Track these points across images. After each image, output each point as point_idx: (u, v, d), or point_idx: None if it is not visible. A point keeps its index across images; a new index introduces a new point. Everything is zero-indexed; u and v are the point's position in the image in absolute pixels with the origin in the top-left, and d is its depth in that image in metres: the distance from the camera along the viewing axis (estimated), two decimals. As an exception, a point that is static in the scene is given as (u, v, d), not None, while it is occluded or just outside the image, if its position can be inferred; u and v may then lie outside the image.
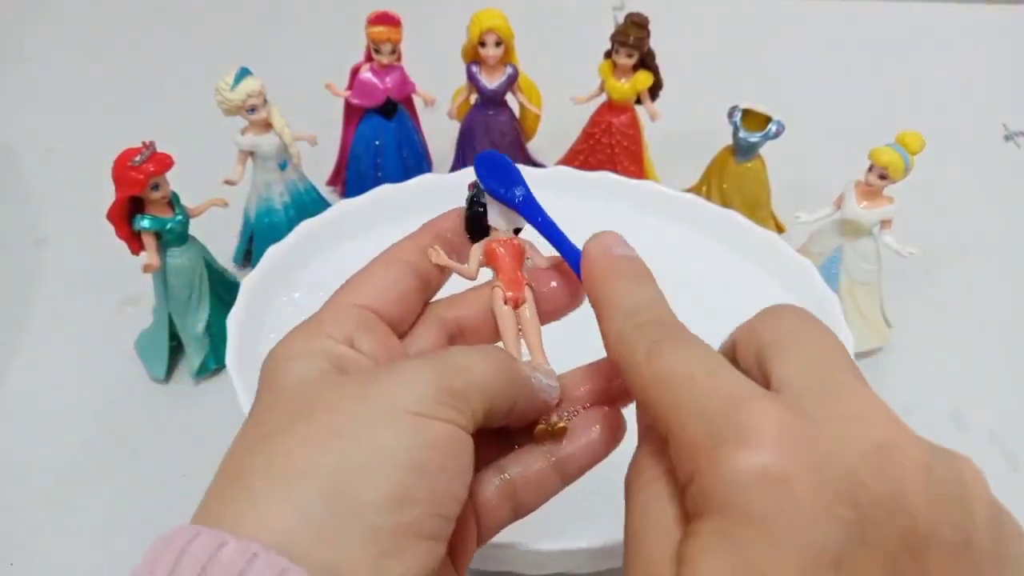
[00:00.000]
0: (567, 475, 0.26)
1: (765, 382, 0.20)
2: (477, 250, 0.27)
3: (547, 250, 0.28)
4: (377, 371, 0.22)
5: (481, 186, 0.27)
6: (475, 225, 0.27)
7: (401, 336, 0.26)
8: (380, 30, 0.54)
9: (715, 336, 0.49)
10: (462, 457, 0.21)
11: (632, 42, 0.54)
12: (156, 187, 0.43)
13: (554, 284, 0.27)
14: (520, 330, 0.27)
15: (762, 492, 0.17)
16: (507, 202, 0.26)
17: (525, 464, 0.25)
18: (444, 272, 0.27)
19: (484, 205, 0.27)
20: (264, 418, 0.22)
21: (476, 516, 0.25)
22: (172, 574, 0.18)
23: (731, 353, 0.23)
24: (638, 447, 0.23)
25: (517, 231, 0.28)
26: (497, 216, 0.27)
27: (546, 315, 0.27)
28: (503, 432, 0.26)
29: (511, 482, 0.25)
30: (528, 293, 0.27)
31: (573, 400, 0.26)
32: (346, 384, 0.22)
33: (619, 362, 0.22)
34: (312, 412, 0.21)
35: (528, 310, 0.27)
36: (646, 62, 0.56)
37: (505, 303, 0.26)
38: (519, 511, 0.26)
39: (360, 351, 0.23)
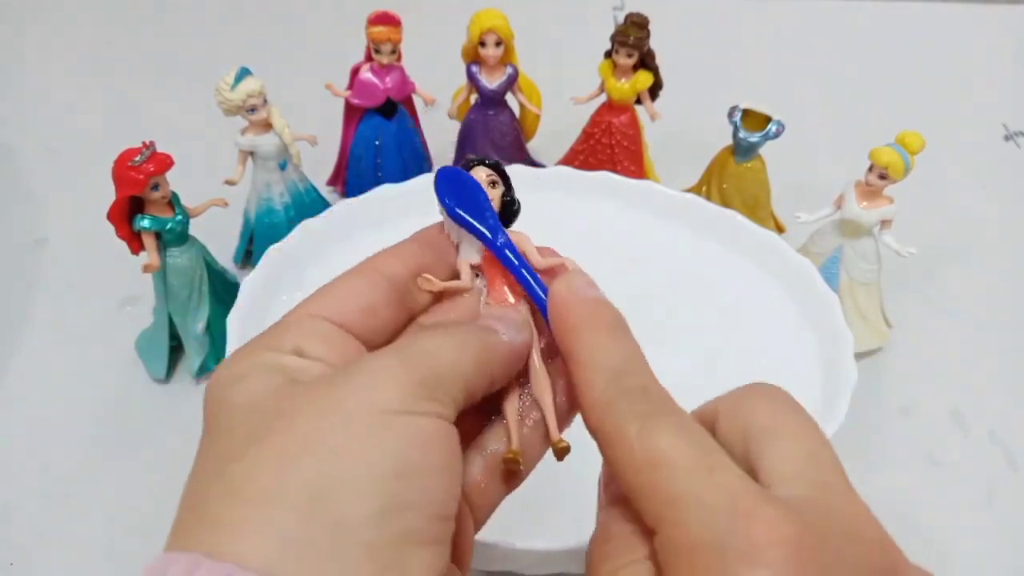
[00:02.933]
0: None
1: (749, 467, 0.20)
2: (464, 261, 0.25)
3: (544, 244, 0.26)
4: (337, 373, 0.20)
5: (444, 209, 0.24)
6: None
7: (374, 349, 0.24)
8: (380, 30, 0.54)
9: (716, 336, 0.49)
10: (450, 450, 0.20)
11: (632, 42, 0.54)
12: (156, 187, 0.43)
13: None
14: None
15: None
16: (470, 229, 0.24)
17: (506, 435, 0.24)
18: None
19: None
20: (218, 444, 0.20)
21: (468, 503, 0.24)
22: None
23: (711, 423, 0.22)
24: (606, 517, 0.22)
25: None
26: (459, 237, 0.25)
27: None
28: (477, 406, 0.24)
29: (496, 455, 0.24)
30: (522, 305, 0.25)
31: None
32: (304, 392, 0.20)
33: (604, 433, 0.20)
34: (271, 429, 0.19)
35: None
36: (646, 62, 0.56)
37: None
38: (511, 484, 0.25)
39: (311, 358, 0.21)
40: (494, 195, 0.25)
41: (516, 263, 0.24)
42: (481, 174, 0.25)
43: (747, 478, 0.19)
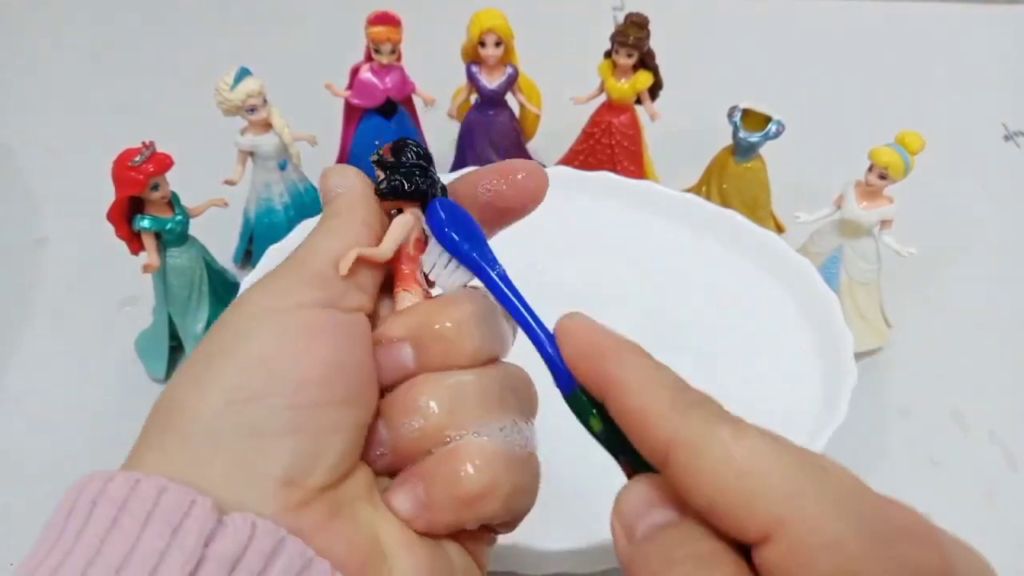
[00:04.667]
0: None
1: None
2: (399, 226, 0.25)
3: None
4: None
5: (434, 236, 0.24)
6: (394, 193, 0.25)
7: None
8: (380, 30, 0.54)
9: (715, 336, 0.49)
10: (325, 339, 0.22)
11: (632, 42, 0.54)
12: (156, 187, 0.43)
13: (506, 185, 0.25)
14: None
15: None
16: (471, 267, 0.24)
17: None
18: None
19: (405, 174, 0.25)
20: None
21: None
22: (90, 514, 0.19)
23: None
24: (662, 544, 0.19)
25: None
26: (442, 269, 0.24)
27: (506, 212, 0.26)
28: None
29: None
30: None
31: None
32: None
33: (686, 442, 0.19)
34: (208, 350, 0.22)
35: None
36: (646, 62, 0.56)
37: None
38: None
39: None
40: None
41: (513, 298, 0.23)
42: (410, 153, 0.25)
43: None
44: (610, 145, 0.59)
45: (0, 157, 0.68)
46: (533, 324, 0.23)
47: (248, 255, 0.56)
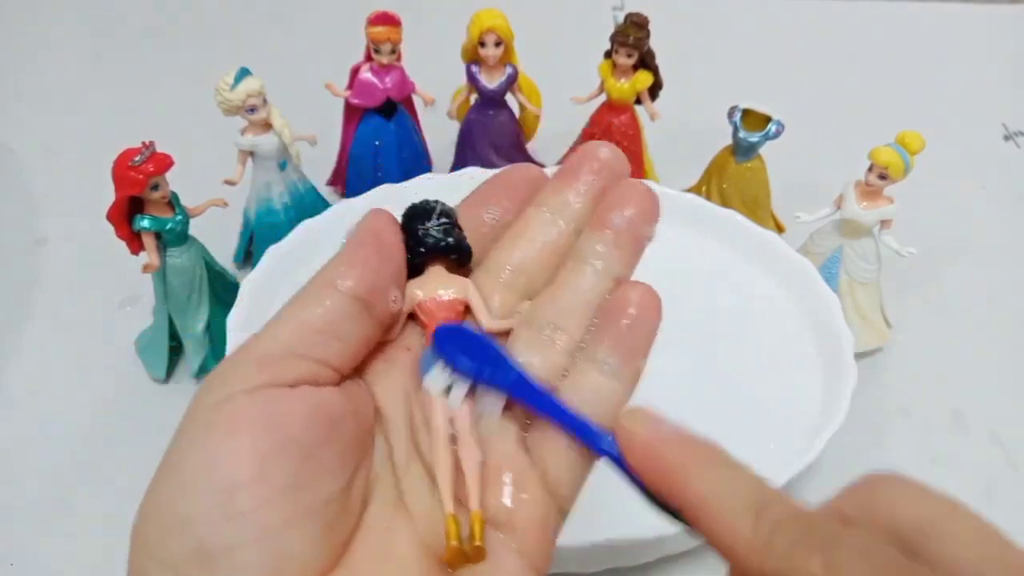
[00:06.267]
0: None
1: None
2: (409, 293, 0.23)
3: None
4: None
5: (451, 366, 0.22)
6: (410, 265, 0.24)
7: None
8: (380, 30, 0.54)
9: (715, 336, 0.49)
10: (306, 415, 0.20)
11: (632, 42, 0.54)
12: (156, 187, 0.43)
13: None
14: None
15: None
16: (495, 385, 0.22)
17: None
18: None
19: (428, 247, 0.23)
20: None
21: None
22: None
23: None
24: None
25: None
26: (485, 403, 0.23)
27: None
28: None
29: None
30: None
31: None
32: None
33: None
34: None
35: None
36: (646, 62, 0.56)
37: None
38: None
39: None
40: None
41: (562, 411, 0.22)
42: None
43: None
44: (610, 145, 0.59)
45: (0, 157, 0.68)
46: (584, 429, 0.22)
47: (248, 255, 0.56)
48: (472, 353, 0.22)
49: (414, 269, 0.24)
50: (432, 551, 0.21)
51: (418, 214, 0.24)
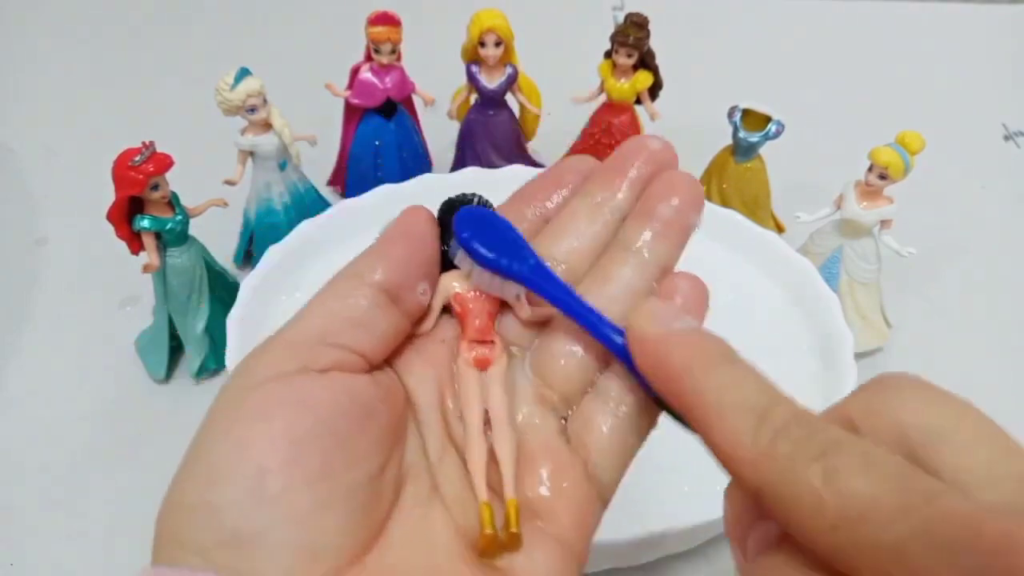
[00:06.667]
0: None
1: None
2: (444, 285, 0.23)
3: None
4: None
5: (466, 253, 0.22)
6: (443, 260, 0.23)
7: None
8: (380, 30, 0.54)
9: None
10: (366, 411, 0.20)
11: (632, 42, 0.54)
12: (156, 187, 0.43)
13: None
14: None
15: None
16: (512, 276, 0.22)
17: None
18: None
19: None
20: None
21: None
22: None
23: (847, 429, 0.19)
24: (769, 568, 0.18)
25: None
26: (488, 280, 0.23)
27: None
28: None
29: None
30: (502, 355, 0.23)
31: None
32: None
33: (773, 490, 0.17)
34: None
35: (498, 374, 0.22)
36: (646, 62, 0.56)
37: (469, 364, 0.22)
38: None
39: None
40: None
41: (576, 303, 0.22)
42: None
43: (964, 495, 0.16)
44: (610, 145, 0.59)
45: (0, 157, 0.68)
46: (599, 326, 0.22)
47: (248, 255, 0.56)
48: (490, 238, 0.22)
49: (451, 262, 0.23)
50: (468, 539, 0.21)
51: (455, 207, 0.24)
